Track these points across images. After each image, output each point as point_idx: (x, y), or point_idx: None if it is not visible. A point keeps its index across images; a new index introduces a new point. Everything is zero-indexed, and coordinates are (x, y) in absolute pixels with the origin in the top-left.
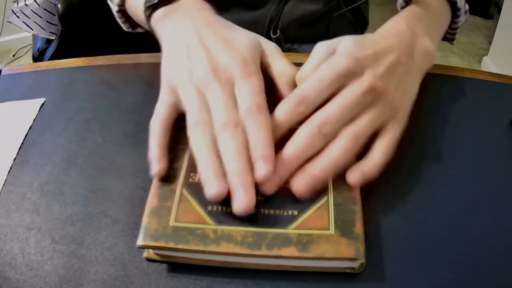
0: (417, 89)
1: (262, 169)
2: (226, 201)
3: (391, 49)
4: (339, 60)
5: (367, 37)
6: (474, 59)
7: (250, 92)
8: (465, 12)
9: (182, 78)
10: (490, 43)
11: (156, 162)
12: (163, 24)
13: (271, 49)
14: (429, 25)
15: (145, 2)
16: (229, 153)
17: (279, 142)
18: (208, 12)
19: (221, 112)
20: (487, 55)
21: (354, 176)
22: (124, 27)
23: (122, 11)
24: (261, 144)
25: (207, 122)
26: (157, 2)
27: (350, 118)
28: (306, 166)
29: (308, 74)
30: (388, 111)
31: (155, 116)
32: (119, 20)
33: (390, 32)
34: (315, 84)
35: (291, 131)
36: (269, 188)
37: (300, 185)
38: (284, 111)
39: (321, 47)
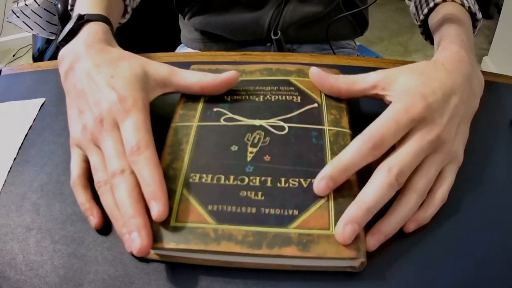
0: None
1: (154, 209)
2: (227, 200)
3: (456, 89)
4: (415, 104)
5: (432, 73)
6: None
7: (130, 131)
8: (480, 20)
9: (80, 136)
10: (490, 43)
11: (91, 215)
12: (60, 68)
13: (163, 71)
14: (472, 47)
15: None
16: (120, 201)
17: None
18: (94, 50)
19: (110, 162)
20: (487, 55)
21: (412, 226)
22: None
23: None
24: (148, 183)
25: (107, 180)
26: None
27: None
28: (380, 226)
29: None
30: (449, 157)
31: (72, 177)
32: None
33: (453, 65)
34: (393, 126)
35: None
36: (348, 237)
37: (373, 244)
38: (360, 152)
39: (377, 74)
